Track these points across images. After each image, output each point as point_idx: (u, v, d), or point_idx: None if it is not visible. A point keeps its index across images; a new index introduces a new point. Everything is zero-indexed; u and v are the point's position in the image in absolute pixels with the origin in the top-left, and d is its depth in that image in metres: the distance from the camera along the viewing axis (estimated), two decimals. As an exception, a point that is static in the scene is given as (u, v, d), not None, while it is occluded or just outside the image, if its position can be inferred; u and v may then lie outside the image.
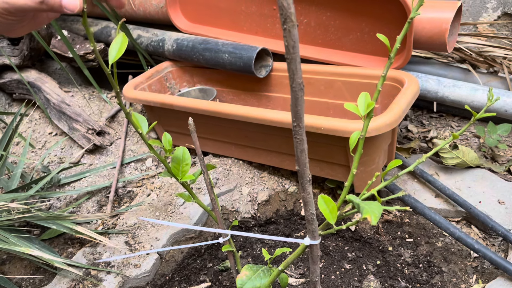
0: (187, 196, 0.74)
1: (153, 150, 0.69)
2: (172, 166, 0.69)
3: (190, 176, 0.69)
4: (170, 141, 0.68)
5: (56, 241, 0.98)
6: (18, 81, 1.27)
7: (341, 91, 1.00)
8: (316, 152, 0.89)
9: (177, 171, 0.69)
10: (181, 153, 0.69)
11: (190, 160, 0.69)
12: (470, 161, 0.94)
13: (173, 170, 0.69)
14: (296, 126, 0.44)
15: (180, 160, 0.69)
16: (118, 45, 0.47)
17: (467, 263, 0.82)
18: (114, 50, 0.46)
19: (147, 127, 0.67)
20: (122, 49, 0.46)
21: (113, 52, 0.46)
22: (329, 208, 0.52)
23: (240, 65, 1.05)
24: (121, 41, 0.47)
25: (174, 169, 0.69)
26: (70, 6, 0.48)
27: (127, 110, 0.61)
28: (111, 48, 0.47)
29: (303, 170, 0.49)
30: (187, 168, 0.69)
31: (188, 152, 0.69)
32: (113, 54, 0.46)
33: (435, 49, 0.92)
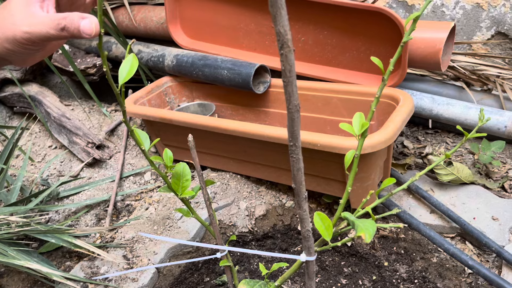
0: (186, 211, 0.75)
1: (154, 166, 0.70)
2: (173, 182, 0.70)
3: (190, 192, 0.70)
4: (171, 157, 0.69)
5: (54, 254, 0.99)
6: (19, 94, 1.29)
7: (338, 107, 1.02)
8: (312, 167, 0.91)
9: (177, 187, 0.70)
10: (181, 169, 0.70)
11: (190, 176, 0.70)
12: (464, 178, 0.96)
13: (173, 186, 0.70)
14: (293, 145, 0.46)
15: (180, 176, 0.71)
16: (128, 66, 0.47)
17: (461, 279, 0.83)
18: (124, 71, 0.47)
19: (149, 144, 0.68)
20: (133, 70, 0.47)
21: (123, 73, 0.46)
22: (324, 225, 0.53)
23: (239, 81, 1.07)
24: (131, 62, 0.47)
25: (174, 184, 0.70)
26: (87, 30, 0.50)
27: (131, 128, 0.63)
28: (121, 68, 0.47)
29: (299, 188, 0.50)
30: (187, 184, 0.70)
31: (188, 168, 0.70)
32: (123, 75, 0.46)
33: (429, 68, 0.94)
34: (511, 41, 1.27)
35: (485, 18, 1.27)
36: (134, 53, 1.32)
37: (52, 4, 0.54)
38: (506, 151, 1.14)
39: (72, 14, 0.50)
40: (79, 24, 0.50)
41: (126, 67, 0.48)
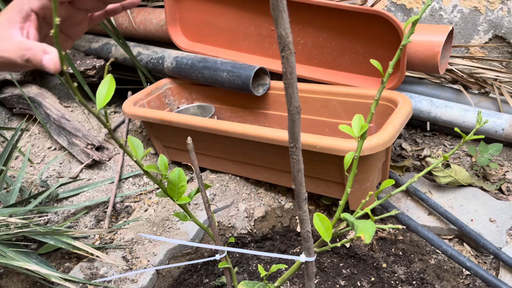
0: (183, 216, 0.75)
1: (148, 175, 0.70)
2: (168, 188, 0.70)
3: (186, 199, 0.70)
4: (166, 164, 0.70)
5: (53, 256, 0.99)
6: (19, 96, 1.29)
7: (337, 110, 1.02)
8: (312, 169, 0.91)
9: (173, 193, 0.71)
10: (176, 174, 0.71)
11: (186, 181, 0.70)
12: (462, 180, 0.97)
13: (169, 192, 0.71)
14: (293, 147, 0.46)
15: (176, 181, 0.71)
16: (106, 89, 0.44)
17: (459, 280, 0.84)
18: (101, 94, 0.44)
19: (142, 152, 0.68)
20: (110, 93, 0.44)
21: (101, 96, 0.44)
22: (324, 226, 0.54)
23: (238, 83, 1.07)
24: (108, 84, 0.45)
25: (170, 190, 0.70)
26: (48, 66, 0.48)
27: (120, 142, 0.63)
28: (99, 91, 0.45)
29: (299, 189, 0.51)
30: (183, 189, 0.70)
31: (183, 174, 0.70)
32: (101, 100, 0.43)
33: (427, 70, 0.95)
34: (508, 44, 1.28)
35: (483, 21, 1.28)
36: (134, 55, 1.33)
37: (34, 25, 0.53)
38: (503, 153, 1.15)
39: (36, 47, 0.49)
40: (41, 59, 0.49)
41: (103, 90, 0.46)
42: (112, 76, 0.48)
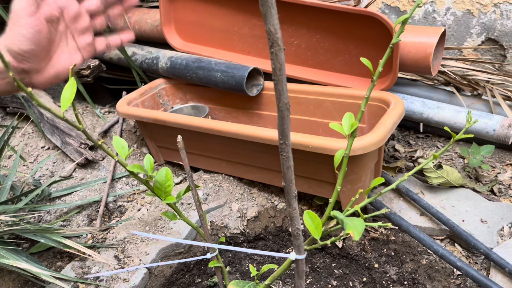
0: (172, 215, 0.75)
1: (134, 174, 0.70)
2: (155, 187, 0.70)
3: (172, 198, 0.70)
4: (151, 164, 0.70)
5: (45, 255, 0.98)
6: (12, 94, 1.29)
7: (330, 110, 1.03)
8: (304, 169, 0.91)
9: (160, 192, 0.71)
10: (163, 174, 0.71)
11: (173, 181, 0.70)
12: (454, 181, 0.97)
13: (156, 191, 0.71)
14: (283, 143, 0.46)
15: (163, 181, 0.71)
16: (69, 92, 0.48)
17: (450, 280, 0.84)
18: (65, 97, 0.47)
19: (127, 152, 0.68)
20: (72, 96, 0.47)
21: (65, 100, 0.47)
22: (314, 224, 0.54)
23: (232, 83, 1.07)
24: (71, 88, 0.48)
25: (157, 190, 0.71)
26: None
27: (98, 143, 0.64)
28: (63, 94, 0.48)
29: (289, 186, 0.51)
30: (169, 189, 0.71)
31: (170, 173, 0.70)
32: (65, 102, 0.47)
33: (420, 72, 0.95)
34: (501, 47, 1.29)
35: (476, 24, 1.29)
36: (128, 55, 1.33)
37: None
38: (495, 155, 1.15)
39: None
40: None
41: (67, 93, 0.49)
42: (74, 80, 0.50)
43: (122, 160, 0.70)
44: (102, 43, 0.68)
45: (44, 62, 0.60)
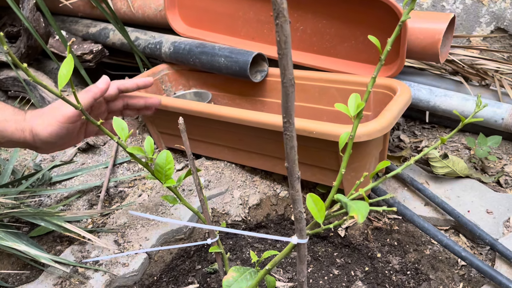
0: (173, 199, 0.74)
1: (133, 156, 0.69)
2: (155, 170, 0.70)
3: (172, 181, 0.69)
4: (152, 146, 0.69)
5: (44, 239, 0.98)
6: (14, 78, 1.27)
7: (335, 97, 1.01)
8: (307, 156, 0.90)
9: (160, 175, 0.70)
10: (164, 157, 0.70)
11: (173, 164, 0.69)
12: (460, 171, 0.95)
13: (157, 174, 0.70)
14: (286, 122, 0.45)
15: (163, 164, 0.70)
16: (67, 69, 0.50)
17: (454, 271, 0.83)
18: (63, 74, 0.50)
19: (127, 133, 0.67)
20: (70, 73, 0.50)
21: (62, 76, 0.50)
22: (317, 207, 0.53)
23: (236, 69, 1.06)
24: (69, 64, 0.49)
25: (158, 173, 0.70)
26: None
27: (97, 123, 0.63)
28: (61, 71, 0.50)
29: (292, 167, 0.49)
30: (170, 172, 0.70)
31: (171, 156, 0.69)
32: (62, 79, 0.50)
33: (428, 59, 0.93)
34: (510, 37, 1.26)
35: (485, 13, 1.26)
36: (131, 40, 1.31)
37: None
38: (502, 146, 1.14)
39: None
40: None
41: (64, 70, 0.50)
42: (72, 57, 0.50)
43: (122, 142, 0.69)
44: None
45: (54, 148, 0.79)
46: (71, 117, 0.75)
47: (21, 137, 0.75)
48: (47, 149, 0.79)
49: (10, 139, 0.74)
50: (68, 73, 0.53)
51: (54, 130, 0.74)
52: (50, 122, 0.74)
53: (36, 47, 1.31)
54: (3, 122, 0.74)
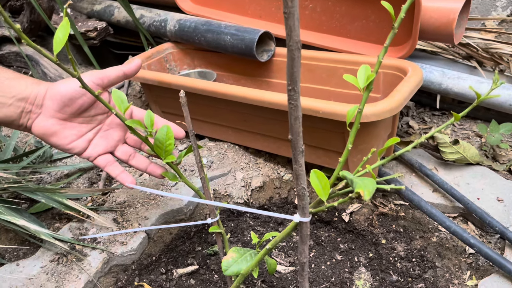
0: (173, 176, 0.72)
1: (133, 130, 0.67)
2: (155, 145, 0.67)
3: (172, 157, 0.67)
4: (152, 119, 0.66)
5: (43, 216, 0.96)
6: (17, 53, 1.25)
7: (343, 79, 0.98)
8: (313, 138, 0.87)
9: (160, 151, 0.68)
10: (164, 132, 0.67)
11: (174, 139, 0.67)
12: (470, 157, 0.92)
13: (156, 150, 0.68)
14: (291, 90, 0.42)
15: (163, 139, 0.68)
16: (63, 32, 0.49)
17: (461, 259, 0.80)
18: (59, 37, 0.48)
19: (126, 105, 0.65)
20: (65, 37, 0.48)
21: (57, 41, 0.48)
22: (321, 184, 0.50)
23: (242, 47, 1.03)
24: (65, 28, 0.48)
25: (157, 148, 0.67)
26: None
27: (95, 93, 0.61)
28: (57, 34, 0.48)
29: (296, 139, 0.47)
30: (170, 147, 0.68)
31: (171, 131, 0.67)
32: (58, 44, 0.48)
33: (441, 40, 0.90)
34: (527, 22, 1.22)
35: (502, -3, 1.22)
36: (136, 17, 1.28)
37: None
38: (515, 134, 1.10)
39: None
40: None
41: (60, 33, 0.49)
42: (68, 21, 0.48)
43: (121, 114, 0.67)
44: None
45: (57, 115, 0.68)
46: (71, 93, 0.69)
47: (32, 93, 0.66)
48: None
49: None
50: (64, 38, 0.51)
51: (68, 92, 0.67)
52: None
53: (39, 22, 1.29)
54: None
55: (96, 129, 0.73)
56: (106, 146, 0.74)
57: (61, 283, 0.77)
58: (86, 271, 0.79)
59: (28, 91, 0.66)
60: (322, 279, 0.86)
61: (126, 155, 0.76)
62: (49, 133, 0.68)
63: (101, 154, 0.73)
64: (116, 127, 0.75)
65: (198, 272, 0.90)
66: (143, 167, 0.75)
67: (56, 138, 0.69)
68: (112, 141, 0.74)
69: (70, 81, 0.67)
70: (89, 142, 0.72)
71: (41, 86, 0.68)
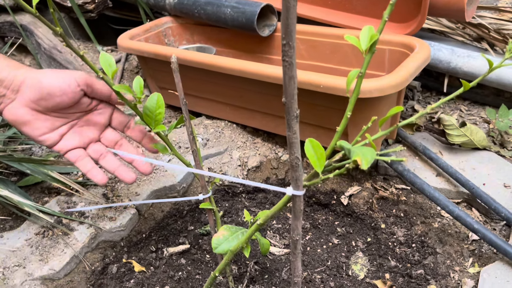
0: (163, 147, 0.69)
1: (121, 96, 0.64)
2: (144, 114, 0.64)
3: (162, 127, 0.64)
4: (141, 86, 0.63)
5: (32, 189, 0.93)
6: (11, 23, 1.21)
7: (348, 56, 0.93)
8: (313, 116, 0.83)
9: (150, 120, 0.64)
10: (154, 100, 0.64)
11: (164, 108, 0.64)
12: (477, 142, 0.88)
13: (146, 119, 0.64)
14: (286, 44, 0.38)
15: (153, 108, 0.64)
16: None
17: (463, 245, 0.76)
18: None
19: (114, 69, 0.62)
20: None
21: None
22: (316, 154, 0.46)
23: (242, 21, 0.98)
24: None
25: (147, 117, 0.64)
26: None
27: (80, 52, 0.57)
28: None
29: (290, 102, 0.43)
30: (160, 116, 0.64)
31: (162, 100, 0.63)
32: None
33: (452, 16, 0.85)
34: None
35: (517, -22, 1.16)
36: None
37: None
38: (524, 121, 1.05)
39: None
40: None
41: None
42: None
43: (108, 79, 0.63)
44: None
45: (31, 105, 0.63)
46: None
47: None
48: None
49: None
50: None
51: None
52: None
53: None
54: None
55: (70, 124, 0.68)
56: (78, 142, 0.69)
57: (45, 256, 0.74)
58: (71, 245, 0.76)
59: (5, 74, 0.61)
60: (317, 263, 0.83)
61: (97, 154, 0.71)
62: (20, 122, 0.64)
63: (72, 149, 0.68)
64: (93, 125, 0.70)
65: (189, 251, 0.87)
66: (112, 169, 0.70)
67: (27, 128, 0.64)
68: (85, 137, 0.70)
69: (55, 76, 0.63)
70: (61, 136, 0.68)
71: (20, 71, 0.63)
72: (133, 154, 0.70)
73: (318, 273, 0.81)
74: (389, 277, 0.78)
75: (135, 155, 0.70)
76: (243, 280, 0.79)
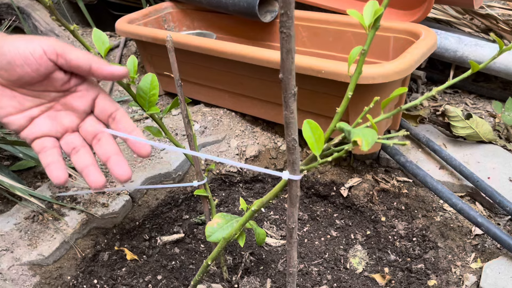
0: (156, 131, 0.66)
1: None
2: (138, 95, 0.61)
3: (156, 109, 0.61)
4: (135, 65, 0.60)
5: (26, 174, 0.91)
6: (8, 5, 1.19)
7: (351, 43, 0.91)
8: (313, 104, 0.81)
9: (143, 101, 0.62)
10: (148, 81, 0.61)
11: (158, 89, 0.61)
12: (483, 134, 0.85)
13: (139, 100, 0.62)
14: (284, 14, 0.35)
15: (147, 89, 0.62)
16: None
17: (466, 240, 0.74)
18: None
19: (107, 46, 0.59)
20: None
21: None
22: (315, 136, 0.44)
23: (244, 5, 0.96)
24: None
25: (140, 98, 0.61)
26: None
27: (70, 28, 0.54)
28: None
29: (287, 79, 0.40)
30: (154, 98, 0.62)
31: (156, 80, 0.61)
32: None
33: (460, 3, 0.82)
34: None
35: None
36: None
37: None
38: (531, 116, 1.02)
39: None
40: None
41: None
42: None
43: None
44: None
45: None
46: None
47: None
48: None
49: None
50: None
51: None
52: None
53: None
54: None
55: (45, 106, 0.55)
56: (49, 129, 0.55)
57: (34, 241, 0.72)
58: (62, 231, 0.74)
59: None
60: (315, 255, 0.81)
61: (69, 148, 0.56)
62: None
63: (41, 137, 0.55)
64: (71, 111, 0.56)
65: (183, 241, 0.85)
66: (79, 167, 0.55)
67: None
68: (59, 125, 0.55)
69: (20, 42, 0.50)
70: (31, 120, 0.54)
71: None
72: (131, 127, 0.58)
73: (315, 265, 0.79)
74: (388, 271, 0.76)
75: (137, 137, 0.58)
76: (237, 271, 0.77)
